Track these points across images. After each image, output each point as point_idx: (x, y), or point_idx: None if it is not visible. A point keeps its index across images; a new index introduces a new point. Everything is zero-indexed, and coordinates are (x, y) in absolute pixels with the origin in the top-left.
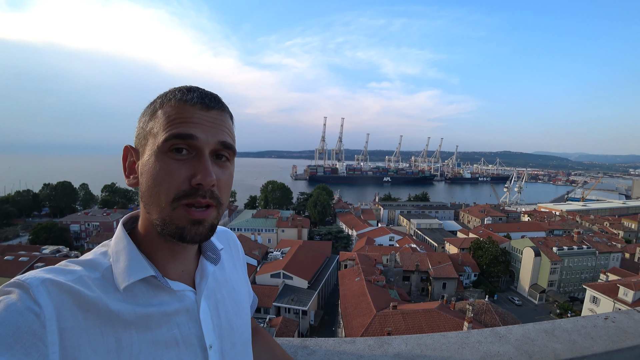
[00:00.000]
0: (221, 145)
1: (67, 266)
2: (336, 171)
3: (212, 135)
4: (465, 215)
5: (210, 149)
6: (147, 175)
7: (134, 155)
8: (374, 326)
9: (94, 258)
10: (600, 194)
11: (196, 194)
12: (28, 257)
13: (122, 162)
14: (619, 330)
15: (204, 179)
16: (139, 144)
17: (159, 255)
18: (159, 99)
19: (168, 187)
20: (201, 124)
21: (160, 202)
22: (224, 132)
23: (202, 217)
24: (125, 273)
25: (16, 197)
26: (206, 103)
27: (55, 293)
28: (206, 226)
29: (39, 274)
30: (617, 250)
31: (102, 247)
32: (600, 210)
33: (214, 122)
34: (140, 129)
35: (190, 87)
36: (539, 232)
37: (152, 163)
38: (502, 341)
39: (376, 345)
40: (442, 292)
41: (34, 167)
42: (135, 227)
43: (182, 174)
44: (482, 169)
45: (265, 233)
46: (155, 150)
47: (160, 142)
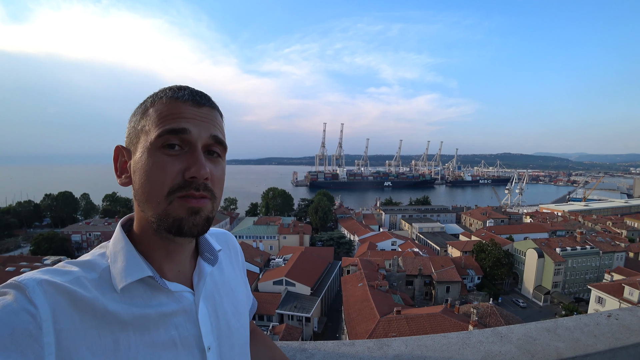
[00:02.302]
0: (213, 140)
1: (65, 267)
2: (337, 177)
3: (204, 130)
4: (467, 218)
5: (202, 143)
6: (140, 172)
7: (125, 154)
8: (378, 331)
9: (92, 259)
10: (602, 193)
11: (190, 187)
12: (29, 267)
13: (113, 163)
14: (623, 328)
15: (197, 172)
16: (130, 143)
17: (155, 255)
18: (149, 98)
19: (162, 181)
20: (193, 119)
21: (156, 197)
22: (215, 127)
23: (199, 205)
24: (122, 274)
25: (17, 208)
26: (197, 100)
27: (51, 294)
28: (202, 217)
29: (36, 275)
30: (621, 249)
31: (101, 249)
32: (602, 210)
33: (205, 118)
34: (131, 129)
35: (181, 86)
36: (541, 234)
37: (145, 160)
38: (503, 341)
39: (375, 347)
40: (445, 295)
41: (35, 178)
42: (132, 228)
43: (176, 167)
44: (483, 172)
45: (267, 240)
46: (147, 146)
47: (152, 138)
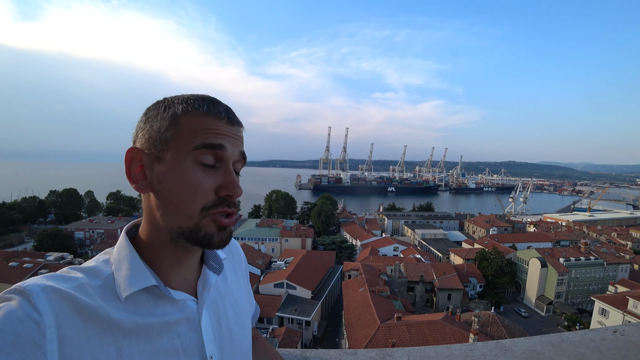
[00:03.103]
0: (241, 157)
1: (69, 273)
2: (340, 181)
3: (236, 148)
4: (470, 225)
5: (233, 160)
6: (171, 184)
7: (144, 159)
8: (378, 337)
9: (96, 265)
10: (607, 204)
11: (223, 204)
12: (32, 263)
13: (126, 165)
14: (629, 344)
15: (233, 191)
16: (152, 148)
17: (162, 263)
18: (178, 104)
19: (197, 196)
20: (228, 136)
21: (188, 211)
22: (242, 144)
23: (230, 223)
24: (127, 282)
25: (22, 204)
26: (231, 118)
27: (55, 301)
28: (229, 231)
29: (40, 281)
30: (625, 261)
31: (104, 255)
32: (607, 221)
33: (237, 136)
34: (155, 133)
35: (213, 100)
36: (545, 243)
37: (178, 171)
38: (507, 354)
39: (378, 357)
40: (447, 303)
41: (40, 174)
42: (137, 235)
43: (210, 184)
44: (487, 179)
45: (269, 242)
46: (182, 158)
47: (189, 150)
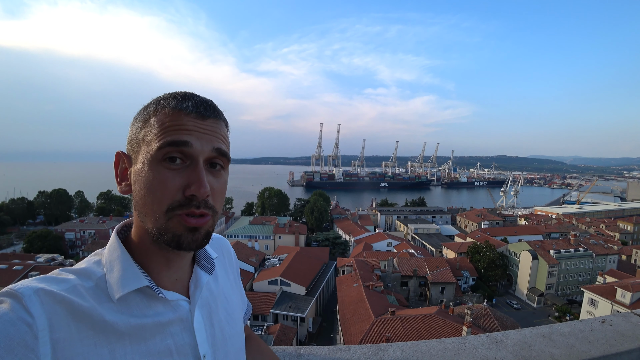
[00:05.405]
0: (216, 153)
1: (61, 275)
2: (333, 177)
3: (207, 143)
4: (462, 219)
5: (204, 157)
6: (140, 184)
7: (126, 161)
8: (372, 332)
9: (88, 267)
10: (596, 196)
11: (190, 204)
12: (22, 265)
13: (114, 169)
14: (617, 334)
15: (197, 190)
16: (131, 151)
17: (153, 264)
18: (152, 105)
19: (161, 197)
20: (196, 131)
21: (155, 212)
22: (218, 139)
23: (198, 224)
24: (119, 283)
25: (10, 205)
26: (201, 112)
27: (48, 303)
28: (202, 233)
29: (32, 283)
30: (613, 252)
31: (96, 256)
32: (596, 213)
33: (209, 130)
34: (132, 135)
35: (185, 94)
36: (535, 236)
37: (145, 172)
38: (499, 347)
39: (372, 352)
40: (440, 297)
41: (29, 175)
42: (128, 236)
43: (176, 183)
44: (479, 174)
45: (263, 240)
46: (148, 158)
47: (153, 150)
